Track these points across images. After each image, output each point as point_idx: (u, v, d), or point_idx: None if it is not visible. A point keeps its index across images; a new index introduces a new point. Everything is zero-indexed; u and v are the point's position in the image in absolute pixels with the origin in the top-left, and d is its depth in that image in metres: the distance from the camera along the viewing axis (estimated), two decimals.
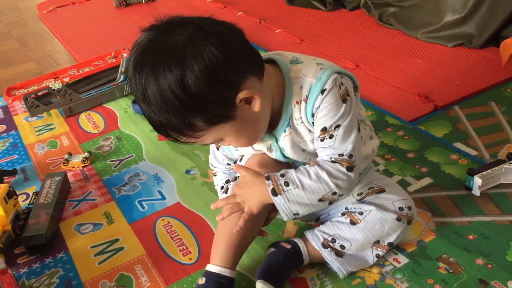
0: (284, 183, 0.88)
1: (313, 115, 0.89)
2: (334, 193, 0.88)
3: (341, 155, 0.88)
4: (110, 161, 1.47)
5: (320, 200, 0.88)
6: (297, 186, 0.87)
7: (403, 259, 1.02)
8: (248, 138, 0.90)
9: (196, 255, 1.09)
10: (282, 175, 0.89)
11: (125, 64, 1.80)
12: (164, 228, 1.18)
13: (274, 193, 0.88)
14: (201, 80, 0.76)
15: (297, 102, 0.90)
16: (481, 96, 1.60)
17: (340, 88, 0.88)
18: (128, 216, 1.23)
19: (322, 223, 1.04)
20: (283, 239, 1.07)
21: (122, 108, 1.77)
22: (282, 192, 0.87)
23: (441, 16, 1.98)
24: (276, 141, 0.95)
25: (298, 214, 0.90)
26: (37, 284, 1.07)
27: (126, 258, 1.11)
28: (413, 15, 2.10)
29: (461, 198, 1.17)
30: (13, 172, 1.44)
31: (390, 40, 2.08)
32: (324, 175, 0.87)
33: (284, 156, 0.98)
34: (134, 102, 1.73)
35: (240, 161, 1.05)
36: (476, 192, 1.16)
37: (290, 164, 1.03)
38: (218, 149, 1.07)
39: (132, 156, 1.48)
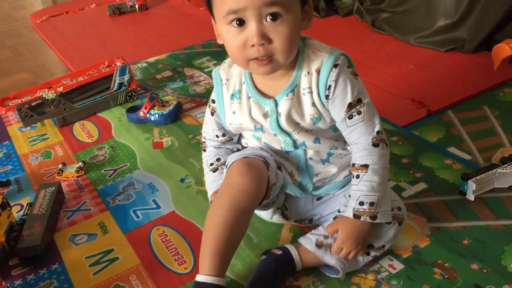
0: (370, 204, 0.95)
1: (329, 87, 0.92)
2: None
3: (379, 132, 0.95)
4: (104, 171, 1.46)
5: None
6: (378, 196, 0.95)
7: (398, 265, 1.02)
8: (292, 46, 0.90)
9: (191, 264, 1.09)
10: (361, 203, 0.95)
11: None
12: (159, 237, 1.18)
13: (373, 218, 0.95)
14: None
15: (308, 73, 0.94)
16: (474, 100, 1.60)
17: (349, 67, 0.94)
18: (123, 226, 1.23)
19: (316, 225, 1.05)
20: (276, 247, 1.06)
21: (116, 117, 1.76)
22: (377, 212, 0.95)
23: (434, 21, 1.99)
24: (276, 105, 0.97)
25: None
26: None
27: (121, 268, 1.10)
28: (406, 20, 2.11)
29: (455, 203, 1.17)
30: (6, 183, 1.43)
31: (383, 45, 2.09)
32: (384, 164, 0.97)
33: (278, 126, 0.98)
34: (128, 111, 1.73)
35: (226, 168, 1.02)
36: (471, 196, 1.16)
37: (276, 161, 1.02)
38: (213, 114, 1.07)
39: (126, 165, 1.48)
